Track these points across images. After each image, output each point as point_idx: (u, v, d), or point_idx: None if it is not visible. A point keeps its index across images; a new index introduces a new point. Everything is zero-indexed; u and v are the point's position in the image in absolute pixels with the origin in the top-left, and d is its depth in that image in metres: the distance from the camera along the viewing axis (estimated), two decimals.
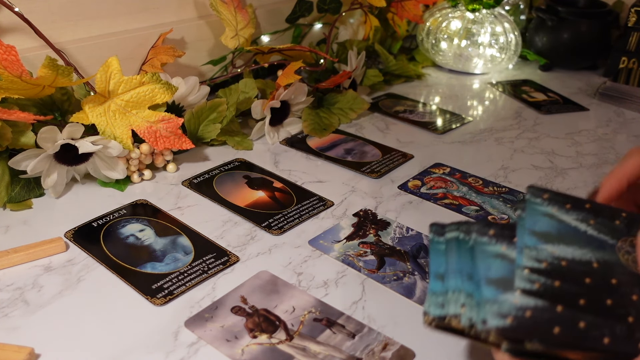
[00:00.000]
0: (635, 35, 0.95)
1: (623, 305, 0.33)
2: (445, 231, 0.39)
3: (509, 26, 1.00)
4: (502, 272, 0.35)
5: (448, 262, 0.37)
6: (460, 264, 0.37)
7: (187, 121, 0.70)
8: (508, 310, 0.33)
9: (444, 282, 0.36)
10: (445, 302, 0.35)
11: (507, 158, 0.73)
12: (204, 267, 0.51)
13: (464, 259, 0.37)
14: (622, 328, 0.32)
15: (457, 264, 0.37)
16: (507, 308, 0.33)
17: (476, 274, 0.35)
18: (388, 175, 0.68)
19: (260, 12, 0.88)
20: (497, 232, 0.37)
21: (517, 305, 0.33)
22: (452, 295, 0.35)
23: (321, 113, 0.80)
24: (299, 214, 0.59)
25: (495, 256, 0.36)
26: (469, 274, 0.36)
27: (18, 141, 0.57)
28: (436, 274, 0.37)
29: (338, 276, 0.51)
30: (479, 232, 0.37)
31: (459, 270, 0.36)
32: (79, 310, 0.46)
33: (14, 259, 0.50)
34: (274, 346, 0.43)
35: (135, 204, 0.60)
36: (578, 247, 0.35)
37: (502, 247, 0.36)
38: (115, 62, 0.58)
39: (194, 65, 0.83)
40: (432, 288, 0.36)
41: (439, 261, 0.38)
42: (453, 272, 0.36)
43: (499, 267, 0.35)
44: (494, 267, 0.35)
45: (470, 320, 0.34)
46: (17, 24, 0.63)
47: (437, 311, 0.35)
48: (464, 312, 0.34)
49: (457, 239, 0.38)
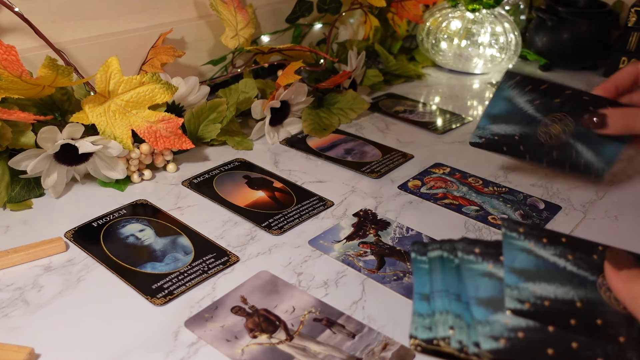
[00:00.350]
0: (635, 35, 0.95)
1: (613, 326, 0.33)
2: (427, 250, 0.38)
3: (509, 26, 1.00)
4: (490, 291, 0.34)
5: (433, 282, 0.36)
6: (446, 284, 0.36)
7: (187, 121, 0.70)
8: (500, 332, 0.32)
9: (430, 303, 0.35)
10: (433, 324, 0.34)
11: (507, 158, 0.73)
12: (204, 267, 0.51)
13: (450, 279, 0.36)
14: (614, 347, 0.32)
15: (443, 284, 0.36)
16: (499, 330, 0.32)
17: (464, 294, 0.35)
18: (388, 175, 0.68)
19: (260, 12, 0.88)
20: (483, 250, 0.36)
21: (509, 327, 0.32)
22: (440, 316, 0.34)
23: (321, 113, 0.80)
24: (299, 214, 0.59)
25: (483, 275, 0.35)
26: (456, 294, 0.35)
27: (18, 141, 0.57)
28: (421, 295, 0.36)
29: (338, 276, 0.51)
30: (465, 250, 0.36)
31: (445, 291, 0.35)
32: (79, 310, 0.46)
33: (14, 259, 0.50)
34: (274, 346, 0.43)
35: (135, 204, 0.60)
36: (560, 285, 0.34)
37: (488, 265, 0.35)
38: (115, 62, 0.58)
39: (194, 65, 0.83)
40: (417, 309, 0.35)
41: (422, 281, 0.37)
42: (439, 292, 0.36)
43: (487, 286, 0.34)
44: (482, 286, 0.34)
45: (461, 343, 0.33)
46: (17, 24, 0.63)
47: (425, 334, 0.34)
48: (453, 335, 0.33)
49: (441, 258, 0.37)
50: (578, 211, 0.61)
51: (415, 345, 0.34)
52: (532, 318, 0.32)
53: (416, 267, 0.38)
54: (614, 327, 0.33)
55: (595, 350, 0.32)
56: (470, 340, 0.33)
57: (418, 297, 0.36)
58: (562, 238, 0.36)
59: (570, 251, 0.36)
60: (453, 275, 0.36)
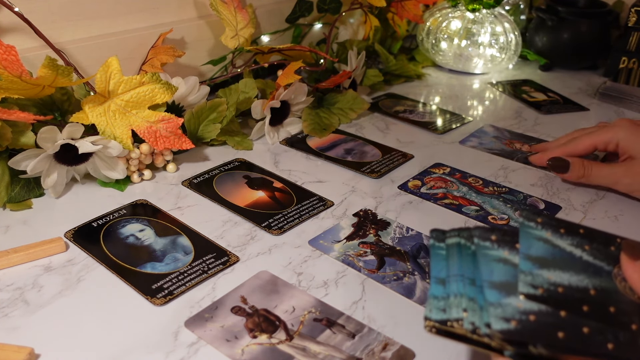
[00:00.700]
0: (635, 35, 0.95)
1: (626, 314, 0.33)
2: (445, 237, 0.39)
3: (509, 26, 1.00)
4: (505, 276, 0.35)
5: (449, 267, 0.37)
6: (462, 269, 0.36)
7: (187, 121, 0.70)
8: (512, 314, 0.33)
9: (445, 286, 0.36)
10: (447, 306, 0.35)
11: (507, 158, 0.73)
12: (204, 267, 0.51)
13: (466, 264, 0.37)
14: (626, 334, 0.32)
15: (459, 269, 0.37)
16: (511, 312, 0.33)
17: (478, 278, 0.35)
18: (388, 175, 0.68)
19: (260, 12, 0.88)
20: (499, 238, 0.37)
21: (521, 310, 0.33)
22: (454, 299, 0.35)
23: (321, 113, 0.80)
24: (299, 214, 0.59)
25: (498, 260, 0.36)
26: (471, 279, 0.36)
27: (18, 141, 0.57)
28: (437, 279, 0.37)
29: (338, 276, 0.51)
30: (481, 237, 0.37)
31: (460, 275, 0.36)
32: (79, 310, 0.46)
33: (14, 259, 0.50)
34: (274, 346, 0.43)
35: (135, 204, 0.60)
36: (574, 273, 0.34)
37: (504, 252, 0.36)
38: (115, 62, 0.58)
39: (194, 65, 0.83)
40: (433, 292, 0.36)
41: (439, 266, 0.37)
42: (454, 277, 0.36)
43: (502, 271, 0.35)
44: (497, 271, 0.35)
45: (473, 324, 0.34)
46: (17, 24, 0.63)
47: (439, 315, 0.35)
48: (466, 317, 0.34)
49: (459, 245, 0.38)
50: (578, 211, 0.61)
51: (430, 327, 0.35)
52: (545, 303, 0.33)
53: (434, 252, 0.38)
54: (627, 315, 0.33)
55: (607, 336, 0.32)
56: (482, 322, 0.33)
57: (434, 281, 0.37)
58: (580, 229, 0.37)
59: (587, 242, 0.36)
60: (469, 261, 0.37)
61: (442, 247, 0.38)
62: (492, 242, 0.37)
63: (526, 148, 0.75)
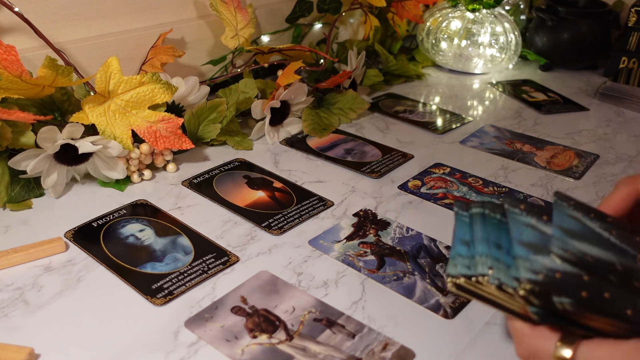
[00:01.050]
0: (635, 35, 0.95)
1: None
2: (470, 207, 0.40)
3: (509, 26, 1.00)
4: (533, 238, 0.36)
5: (474, 232, 0.38)
6: (487, 234, 0.38)
7: (187, 121, 0.70)
8: (539, 269, 0.33)
9: (470, 247, 0.37)
10: (472, 264, 0.36)
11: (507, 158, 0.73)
12: (204, 267, 0.51)
13: (491, 231, 0.38)
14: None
15: (483, 234, 0.38)
16: (539, 267, 0.34)
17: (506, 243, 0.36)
18: (388, 175, 0.68)
19: (260, 12, 0.88)
20: (527, 208, 0.38)
21: (548, 266, 0.34)
22: (480, 258, 0.36)
23: (321, 113, 0.80)
24: (299, 214, 0.59)
25: (526, 225, 0.37)
26: (496, 243, 0.37)
27: (18, 141, 0.57)
28: (462, 240, 0.38)
29: (338, 276, 0.51)
30: (511, 204, 0.38)
31: (485, 239, 0.37)
32: (79, 310, 0.46)
33: (14, 259, 0.50)
34: (274, 346, 0.43)
35: (135, 204, 0.60)
36: (602, 249, 0.35)
37: (532, 219, 0.37)
38: (115, 62, 0.58)
39: (194, 65, 0.83)
40: (458, 252, 0.37)
41: (464, 230, 0.39)
42: (479, 240, 0.37)
43: (530, 234, 0.36)
44: (526, 233, 0.36)
45: (499, 280, 0.34)
46: (17, 24, 0.63)
47: (464, 270, 0.36)
48: (492, 274, 0.35)
49: (483, 215, 0.39)
50: None
51: (453, 282, 0.35)
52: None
53: (458, 219, 0.40)
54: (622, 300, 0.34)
55: (626, 303, 0.33)
56: (508, 277, 0.34)
57: (458, 242, 0.38)
58: (608, 218, 0.38)
59: (614, 228, 0.37)
60: (494, 228, 0.38)
61: (465, 215, 0.40)
62: (520, 210, 0.38)
63: (527, 148, 0.75)
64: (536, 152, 0.74)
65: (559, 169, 0.70)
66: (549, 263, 0.34)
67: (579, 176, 0.68)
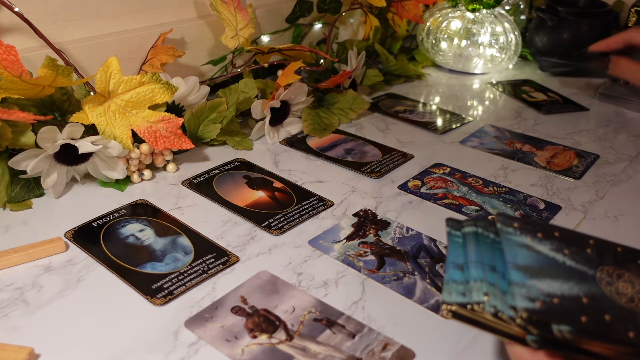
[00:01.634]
0: None
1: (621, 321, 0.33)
2: (462, 226, 0.39)
3: (509, 26, 1.00)
4: (528, 260, 0.35)
5: (467, 253, 0.37)
6: (481, 256, 0.36)
7: (187, 121, 0.70)
8: (536, 295, 0.33)
9: (464, 272, 0.36)
10: (467, 290, 0.35)
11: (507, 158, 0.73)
12: (204, 267, 0.51)
13: (485, 252, 0.37)
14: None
15: (477, 256, 0.37)
16: (535, 293, 0.33)
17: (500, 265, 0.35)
18: (388, 175, 0.68)
19: (260, 12, 0.88)
20: (521, 225, 0.37)
21: (545, 292, 0.33)
22: (474, 284, 0.35)
23: (321, 113, 0.80)
24: (299, 214, 0.59)
25: (521, 246, 0.36)
26: (490, 266, 0.36)
27: (18, 141, 0.57)
28: (455, 264, 0.37)
29: (338, 276, 0.51)
30: (504, 224, 0.37)
31: (479, 262, 0.36)
32: (79, 310, 0.46)
33: (14, 259, 0.50)
34: (274, 346, 0.43)
35: (135, 204, 0.60)
36: (564, 281, 0.34)
37: (526, 239, 0.36)
38: (115, 62, 0.58)
39: (194, 65, 0.83)
40: (451, 277, 0.36)
41: (457, 252, 0.37)
42: (473, 263, 0.36)
43: (525, 255, 0.35)
44: (520, 255, 0.35)
45: (495, 307, 0.33)
46: (17, 24, 0.63)
47: (459, 298, 0.35)
48: (488, 300, 0.34)
49: (476, 234, 0.38)
50: (578, 211, 0.61)
51: (448, 311, 0.35)
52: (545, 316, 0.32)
53: (451, 240, 0.39)
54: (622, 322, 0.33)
55: (627, 325, 0.32)
56: (504, 305, 0.33)
57: (452, 266, 0.37)
58: (555, 232, 0.37)
59: (565, 245, 0.36)
60: (488, 249, 0.37)
61: (458, 235, 0.38)
62: (514, 228, 0.37)
63: (527, 148, 0.75)
64: (536, 152, 0.74)
65: (559, 169, 0.70)
66: (546, 288, 0.33)
67: (579, 176, 0.68)
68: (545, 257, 0.35)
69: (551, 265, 0.35)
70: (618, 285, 0.35)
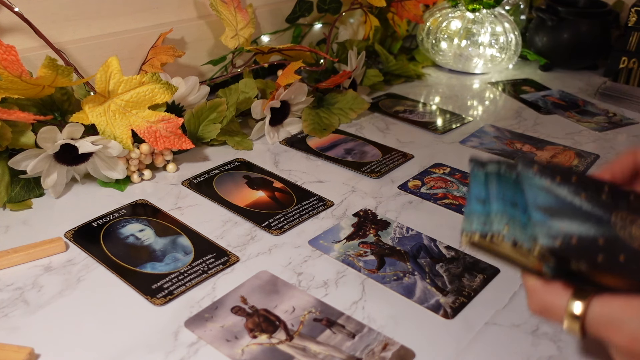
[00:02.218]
0: (635, 35, 0.95)
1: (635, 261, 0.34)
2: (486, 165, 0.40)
3: (509, 26, 1.00)
4: (548, 202, 0.36)
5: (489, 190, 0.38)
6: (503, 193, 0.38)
7: (187, 121, 0.70)
8: (556, 233, 0.34)
9: (486, 205, 0.37)
10: (488, 221, 0.36)
11: None
12: (204, 267, 0.51)
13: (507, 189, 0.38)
14: None
15: (499, 192, 0.38)
16: (556, 231, 0.34)
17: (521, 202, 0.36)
18: (388, 175, 0.68)
19: (260, 12, 0.88)
20: (541, 169, 0.38)
21: (564, 231, 0.34)
22: (495, 216, 0.36)
23: (321, 113, 0.80)
24: (299, 214, 0.59)
25: (541, 188, 0.37)
26: (512, 202, 0.37)
27: (18, 141, 0.57)
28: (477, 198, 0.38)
29: (338, 276, 0.51)
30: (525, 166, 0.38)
31: (501, 198, 0.37)
32: (79, 310, 0.46)
33: (14, 259, 0.50)
34: (274, 346, 0.43)
35: (135, 204, 0.60)
36: (581, 223, 0.36)
37: (546, 181, 0.37)
38: (115, 62, 0.58)
39: (194, 65, 0.83)
40: (473, 209, 0.37)
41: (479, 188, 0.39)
42: (495, 198, 0.37)
43: (545, 197, 0.36)
44: (540, 197, 0.36)
45: (514, 238, 0.35)
46: (17, 24, 0.63)
47: (479, 227, 0.36)
48: (508, 231, 0.35)
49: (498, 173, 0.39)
50: None
51: (468, 239, 0.36)
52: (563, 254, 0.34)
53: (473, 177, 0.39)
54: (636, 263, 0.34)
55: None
56: (524, 236, 0.35)
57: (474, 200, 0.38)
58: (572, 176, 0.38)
59: (582, 190, 0.37)
60: (510, 187, 0.38)
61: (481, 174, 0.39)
62: (534, 171, 0.38)
63: (527, 148, 0.75)
64: (536, 152, 0.74)
65: None
66: (566, 227, 0.34)
67: None
68: (564, 200, 0.36)
69: (569, 207, 0.36)
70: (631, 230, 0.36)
